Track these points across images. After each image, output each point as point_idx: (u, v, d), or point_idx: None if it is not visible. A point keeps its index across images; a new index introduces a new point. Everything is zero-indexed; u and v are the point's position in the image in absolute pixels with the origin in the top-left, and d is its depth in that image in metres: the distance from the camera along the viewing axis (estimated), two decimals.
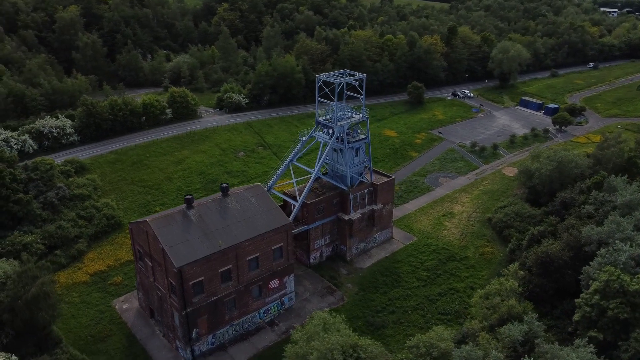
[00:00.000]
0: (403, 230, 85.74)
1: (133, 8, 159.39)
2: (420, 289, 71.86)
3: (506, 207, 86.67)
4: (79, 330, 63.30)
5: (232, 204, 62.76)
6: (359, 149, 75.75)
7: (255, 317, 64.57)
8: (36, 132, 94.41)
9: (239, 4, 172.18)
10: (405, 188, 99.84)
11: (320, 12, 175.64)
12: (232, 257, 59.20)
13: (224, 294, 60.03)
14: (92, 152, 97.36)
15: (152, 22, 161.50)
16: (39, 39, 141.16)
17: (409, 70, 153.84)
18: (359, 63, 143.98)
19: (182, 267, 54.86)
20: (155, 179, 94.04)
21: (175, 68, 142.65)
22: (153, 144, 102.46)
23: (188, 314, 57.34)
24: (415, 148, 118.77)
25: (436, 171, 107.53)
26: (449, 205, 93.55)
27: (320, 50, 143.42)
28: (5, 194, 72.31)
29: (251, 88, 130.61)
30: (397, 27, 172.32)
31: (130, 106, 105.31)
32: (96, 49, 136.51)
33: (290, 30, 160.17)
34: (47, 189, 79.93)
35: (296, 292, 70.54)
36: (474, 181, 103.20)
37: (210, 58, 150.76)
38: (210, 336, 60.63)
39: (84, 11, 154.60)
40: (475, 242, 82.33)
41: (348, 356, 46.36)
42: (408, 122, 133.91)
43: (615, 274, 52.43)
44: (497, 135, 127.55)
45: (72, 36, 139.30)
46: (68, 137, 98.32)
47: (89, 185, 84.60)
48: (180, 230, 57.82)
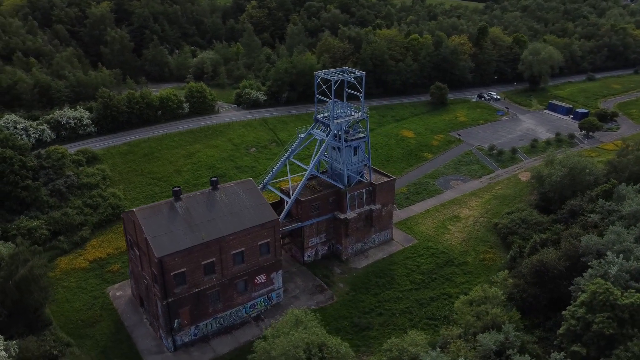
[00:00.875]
0: (404, 232, 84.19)
1: (163, 5, 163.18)
2: (413, 292, 70.33)
3: (513, 212, 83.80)
4: (71, 314, 65.25)
5: (221, 197, 63.19)
6: (357, 147, 74.86)
7: (240, 312, 64.83)
8: (54, 122, 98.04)
9: (267, 2, 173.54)
10: (414, 189, 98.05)
11: (348, 10, 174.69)
12: (216, 250, 59.60)
13: (208, 286, 60.53)
14: (107, 143, 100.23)
15: (180, 19, 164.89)
16: (71, 33, 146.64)
17: (434, 70, 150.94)
18: (381, 62, 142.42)
19: (163, 258, 55.66)
20: (165, 172, 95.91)
21: (199, 64, 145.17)
22: (166, 137, 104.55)
23: (169, 303, 58.12)
24: (431, 150, 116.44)
25: (449, 174, 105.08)
26: (456, 208, 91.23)
27: (343, 49, 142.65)
28: (14, 180, 75.37)
29: (270, 85, 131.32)
30: (425, 27, 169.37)
31: (146, 99, 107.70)
32: (123, 43, 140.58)
33: (315, 29, 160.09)
34: (57, 177, 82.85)
35: (286, 289, 70.43)
36: (487, 185, 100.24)
37: (235, 55, 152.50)
38: (193, 327, 61.26)
39: (116, 7, 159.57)
40: (478, 247, 79.94)
41: (312, 355, 45.80)
42: (428, 123, 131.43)
43: (604, 287, 49.65)
44: (519, 139, 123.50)
45: (101, 31, 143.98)
46: (85, 128, 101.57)
47: (98, 175, 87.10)
48: (165, 221, 58.66)
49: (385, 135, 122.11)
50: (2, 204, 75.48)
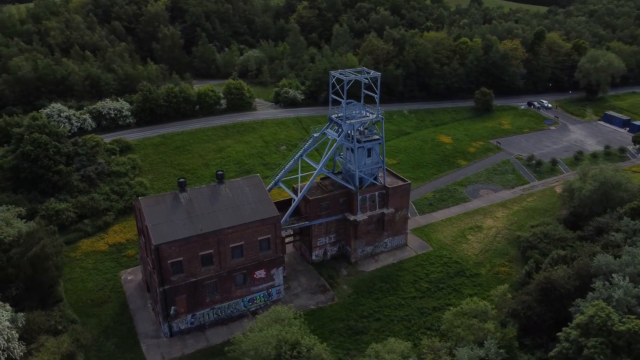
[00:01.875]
0: (421, 238, 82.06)
1: (216, 4, 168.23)
2: (416, 300, 68.44)
3: (538, 226, 79.44)
4: (83, 293, 68.82)
5: (225, 191, 64.43)
6: (371, 149, 73.84)
7: (239, 304, 65.76)
8: (96, 112, 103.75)
9: (318, 2, 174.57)
10: (439, 196, 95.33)
11: (398, 12, 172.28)
12: (214, 242, 60.82)
13: (205, 277, 61.90)
14: (143, 135, 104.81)
15: (232, 18, 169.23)
16: (127, 30, 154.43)
17: (482, 75, 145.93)
18: (425, 65, 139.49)
19: (160, 245, 57.55)
20: (193, 164, 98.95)
21: (244, 62, 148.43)
22: (199, 131, 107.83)
23: (166, 291, 59.99)
24: (467, 156, 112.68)
25: (480, 182, 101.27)
26: (480, 218, 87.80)
27: (386, 51, 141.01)
28: (47, 164, 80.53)
29: (309, 85, 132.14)
30: (477, 30, 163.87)
31: (184, 94, 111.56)
32: (174, 40, 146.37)
33: (363, 30, 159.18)
34: (89, 163, 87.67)
35: (289, 286, 70.72)
36: (519, 196, 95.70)
37: (280, 54, 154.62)
38: (190, 316, 62.86)
39: (172, 5, 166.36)
40: (494, 260, 76.54)
41: (282, 352, 45.72)
42: (468, 129, 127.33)
43: (605, 310, 46.20)
44: (563, 150, 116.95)
45: (155, 28, 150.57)
46: (125, 119, 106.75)
47: (128, 164, 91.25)
48: (167, 211, 60.62)
49: (421, 139, 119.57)
50: (36, 185, 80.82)
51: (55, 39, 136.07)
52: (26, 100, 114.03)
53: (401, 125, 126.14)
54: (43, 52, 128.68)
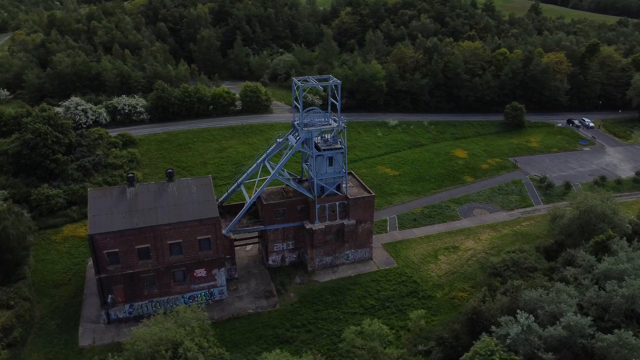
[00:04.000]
0: (389, 253, 79.32)
1: (259, 8, 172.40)
2: (356, 316, 66.24)
3: (512, 252, 73.84)
4: (48, 275, 73.77)
5: (171, 189, 66.42)
6: (333, 158, 72.57)
7: (179, 301, 67.30)
8: (112, 107, 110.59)
9: (361, 8, 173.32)
10: (427, 212, 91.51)
11: (442, 20, 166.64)
12: (151, 237, 62.92)
13: (142, 269, 64.17)
14: (151, 130, 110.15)
15: (274, 22, 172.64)
16: (172, 31, 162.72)
17: (519, 89, 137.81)
18: (454, 76, 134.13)
19: (94, 235, 60.61)
20: (191, 162, 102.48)
21: (276, 65, 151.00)
22: (205, 131, 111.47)
23: (102, 279, 62.95)
24: (476, 173, 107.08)
25: (479, 201, 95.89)
26: (461, 239, 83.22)
27: (414, 59, 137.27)
28: (45, 152, 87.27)
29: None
30: (525, 41, 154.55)
31: (198, 94, 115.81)
32: (210, 42, 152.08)
33: (400, 37, 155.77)
34: (88, 154, 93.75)
35: (236, 288, 71.40)
36: (514, 219, 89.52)
37: (314, 59, 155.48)
38: (128, 306, 65.43)
39: (217, 8, 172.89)
40: (456, 284, 72.24)
41: (156, 351, 46.41)
42: (490, 144, 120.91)
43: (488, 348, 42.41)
44: (588, 173, 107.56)
45: (195, 30, 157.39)
46: (138, 115, 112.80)
47: (126, 157, 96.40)
48: (110, 203, 63.65)
49: (433, 152, 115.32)
50: (34, 171, 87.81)
51: (101, 37, 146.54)
52: (63, 93, 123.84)
53: (417, 136, 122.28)
54: (87, 50, 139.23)
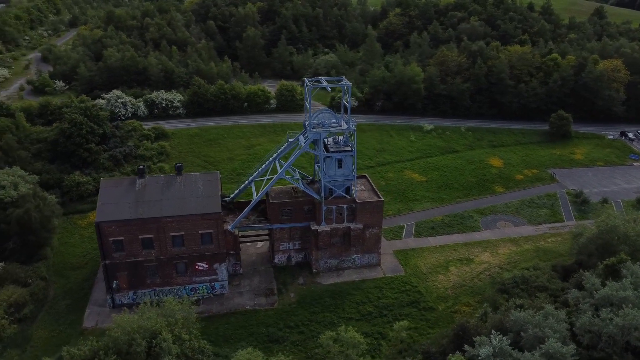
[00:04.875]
0: (399, 261, 77.51)
1: (310, 7, 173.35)
2: (351, 322, 65.06)
3: (526, 269, 70.05)
4: (68, 257, 77.99)
5: (179, 183, 68.28)
6: (342, 160, 71.80)
7: (180, 291, 69.14)
8: (150, 101, 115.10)
9: (410, 10, 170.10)
10: (448, 221, 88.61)
11: (493, 23, 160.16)
12: (154, 228, 64.98)
13: (146, 259, 66.41)
14: (184, 125, 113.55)
15: (322, 22, 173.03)
16: (221, 29, 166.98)
17: (569, 97, 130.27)
18: (498, 81, 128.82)
19: (100, 223, 63.41)
20: (219, 157, 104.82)
21: (318, 65, 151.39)
22: (236, 127, 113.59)
23: (107, 265, 65.74)
24: (508, 184, 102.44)
25: (505, 213, 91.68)
26: (477, 251, 79.97)
27: (457, 63, 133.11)
28: (79, 141, 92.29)
29: (366, 92, 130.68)
30: (580, 46, 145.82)
31: (233, 92, 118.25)
32: (255, 41, 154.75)
33: (447, 40, 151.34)
34: (120, 145, 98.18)
35: (239, 283, 72.34)
36: (539, 234, 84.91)
37: (356, 60, 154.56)
38: (132, 292, 67.95)
39: (267, 7, 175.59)
40: (462, 297, 69.44)
41: (133, 339, 47.82)
42: (529, 154, 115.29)
43: None
44: (633, 191, 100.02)
45: (242, 28, 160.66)
46: (175, 109, 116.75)
47: (155, 150, 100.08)
48: (120, 193, 66.34)
49: (467, 159, 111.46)
50: (69, 159, 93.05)
51: (152, 34, 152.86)
52: (111, 85, 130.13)
53: (452, 142, 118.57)
54: (137, 45, 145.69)
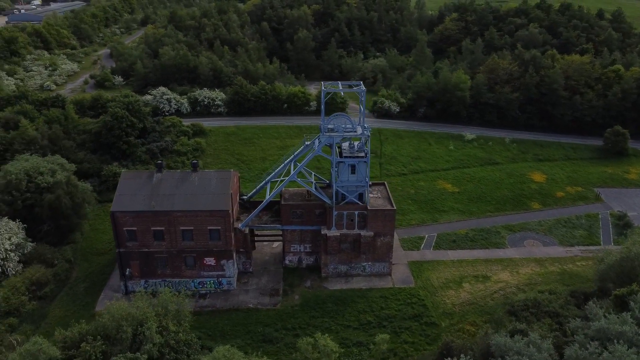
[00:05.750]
0: (411, 272, 75.58)
1: (361, 11, 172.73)
2: (348, 330, 64.44)
3: (541, 292, 66.08)
4: (95, 243, 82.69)
5: (193, 179, 70.49)
6: (355, 166, 71.08)
7: (189, 284, 71.35)
8: (193, 98, 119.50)
9: (467, 15, 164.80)
10: (472, 235, 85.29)
11: (554, 31, 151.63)
12: (165, 221, 67.51)
13: (157, 250, 69.12)
14: (224, 123, 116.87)
15: (375, 25, 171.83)
16: (274, 30, 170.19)
17: (630, 111, 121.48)
18: (550, 91, 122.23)
19: (114, 212, 66.80)
20: (251, 156, 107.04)
21: (366, 69, 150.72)
22: (272, 128, 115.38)
23: (121, 253, 69.09)
24: (547, 201, 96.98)
25: (536, 231, 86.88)
26: (496, 269, 76.36)
27: (507, 71, 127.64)
28: (119, 134, 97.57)
29: (409, 98, 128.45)
30: None
31: (273, 93, 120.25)
32: (306, 43, 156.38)
33: (502, 47, 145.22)
34: (158, 140, 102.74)
35: (247, 281, 73.54)
36: (569, 256, 79.75)
37: (406, 65, 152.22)
38: (143, 281, 70.94)
39: (322, 10, 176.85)
40: (469, 316, 66.56)
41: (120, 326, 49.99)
42: (577, 171, 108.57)
43: None
44: None
45: (295, 30, 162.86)
46: (216, 108, 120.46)
47: (191, 146, 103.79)
48: (137, 185, 69.48)
49: (507, 172, 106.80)
50: (109, 150, 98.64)
51: (208, 34, 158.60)
52: (163, 82, 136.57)
53: (493, 153, 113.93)
54: (192, 44, 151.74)
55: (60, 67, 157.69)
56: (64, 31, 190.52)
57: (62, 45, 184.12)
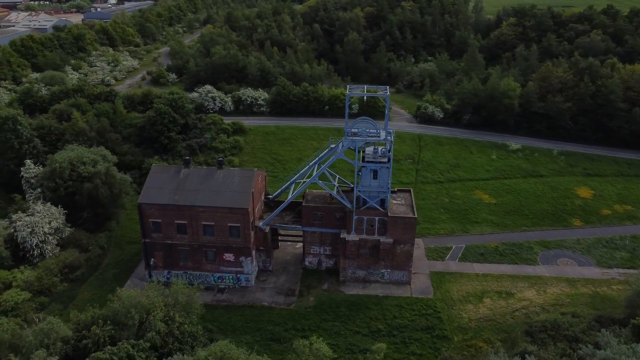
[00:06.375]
0: (431, 283, 73.89)
1: (419, 14, 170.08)
2: (357, 336, 63.91)
3: (563, 314, 62.69)
4: (129, 232, 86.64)
5: (217, 176, 72.46)
6: (378, 172, 70.38)
7: (209, 278, 73.44)
8: (237, 97, 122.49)
9: (526, 20, 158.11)
10: (502, 249, 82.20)
11: (619, 39, 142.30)
12: (187, 215, 69.87)
13: (179, 242, 71.63)
14: (265, 122, 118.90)
15: (429, 29, 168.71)
16: (326, 32, 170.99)
17: None
18: (606, 102, 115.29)
19: (141, 204, 69.89)
20: (287, 156, 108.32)
21: (414, 73, 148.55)
22: (311, 129, 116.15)
23: (146, 243, 72.17)
24: (590, 218, 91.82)
25: (572, 249, 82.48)
26: (522, 286, 73.15)
27: (561, 80, 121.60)
28: (161, 129, 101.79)
29: (454, 104, 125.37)
30: None
31: (315, 94, 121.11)
32: (355, 45, 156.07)
33: (558, 54, 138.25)
34: (198, 136, 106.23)
35: (265, 279, 74.69)
36: (605, 279, 75.08)
37: (456, 70, 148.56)
38: (166, 272, 73.73)
39: (376, 13, 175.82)
40: (484, 333, 64.20)
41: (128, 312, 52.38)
42: (629, 188, 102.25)
43: None
44: None
45: (346, 32, 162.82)
46: (259, 107, 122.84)
47: (229, 144, 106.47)
48: (165, 179, 72.35)
49: (550, 186, 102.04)
50: (152, 144, 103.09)
51: (259, 35, 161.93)
52: (213, 81, 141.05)
53: (539, 165, 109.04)
54: (244, 44, 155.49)
55: (122, 63, 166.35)
56: (129, 29, 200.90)
57: (126, 42, 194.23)
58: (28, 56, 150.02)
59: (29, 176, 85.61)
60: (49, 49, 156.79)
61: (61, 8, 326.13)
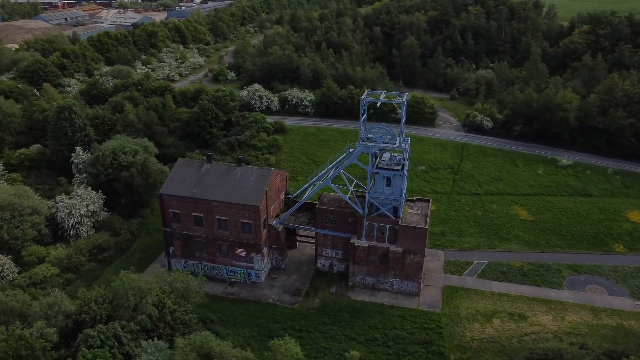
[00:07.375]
0: (442, 297, 71.80)
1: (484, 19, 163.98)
2: (351, 342, 63.54)
3: (572, 345, 58.61)
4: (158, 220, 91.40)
5: (235, 173, 74.87)
6: (391, 179, 69.53)
7: (222, 270, 76.11)
8: (283, 97, 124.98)
9: (600, 27, 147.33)
10: (527, 269, 78.09)
11: None
12: (203, 208, 72.88)
13: (195, 234, 74.88)
14: (307, 123, 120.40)
15: (492, 35, 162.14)
16: (386, 35, 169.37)
17: None
18: None
19: (162, 195, 73.87)
20: (324, 158, 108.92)
21: (470, 80, 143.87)
22: (350, 132, 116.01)
23: (166, 232, 76.13)
24: (636, 245, 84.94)
25: (605, 277, 76.66)
26: (539, 310, 69.19)
27: (628, 94, 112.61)
28: (204, 125, 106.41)
29: (505, 114, 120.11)
30: None
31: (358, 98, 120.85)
32: (412, 49, 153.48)
33: (630, 65, 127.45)
34: (239, 133, 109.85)
35: (276, 277, 76.19)
36: (634, 312, 69.29)
37: (515, 78, 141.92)
38: (183, 261, 77.32)
39: (439, 16, 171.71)
40: (485, 354, 61.56)
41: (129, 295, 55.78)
42: None
43: None
44: None
45: (406, 36, 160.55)
46: (304, 108, 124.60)
47: (267, 142, 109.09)
48: (188, 173, 75.89)
49: (598, 207, 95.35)
50: (194, 139, 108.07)
51: (318, 36, 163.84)
52: (267, 80, 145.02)
53: (589, 184, 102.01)
54: (301, 45, 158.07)
55: (189, 60, 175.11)
56: (201, 27, 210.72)
57: (197, 40, 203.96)
58: (103, 51, 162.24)
59: (78, 162, 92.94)
60: (122, 45, 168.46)
61: (150, 6, 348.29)
